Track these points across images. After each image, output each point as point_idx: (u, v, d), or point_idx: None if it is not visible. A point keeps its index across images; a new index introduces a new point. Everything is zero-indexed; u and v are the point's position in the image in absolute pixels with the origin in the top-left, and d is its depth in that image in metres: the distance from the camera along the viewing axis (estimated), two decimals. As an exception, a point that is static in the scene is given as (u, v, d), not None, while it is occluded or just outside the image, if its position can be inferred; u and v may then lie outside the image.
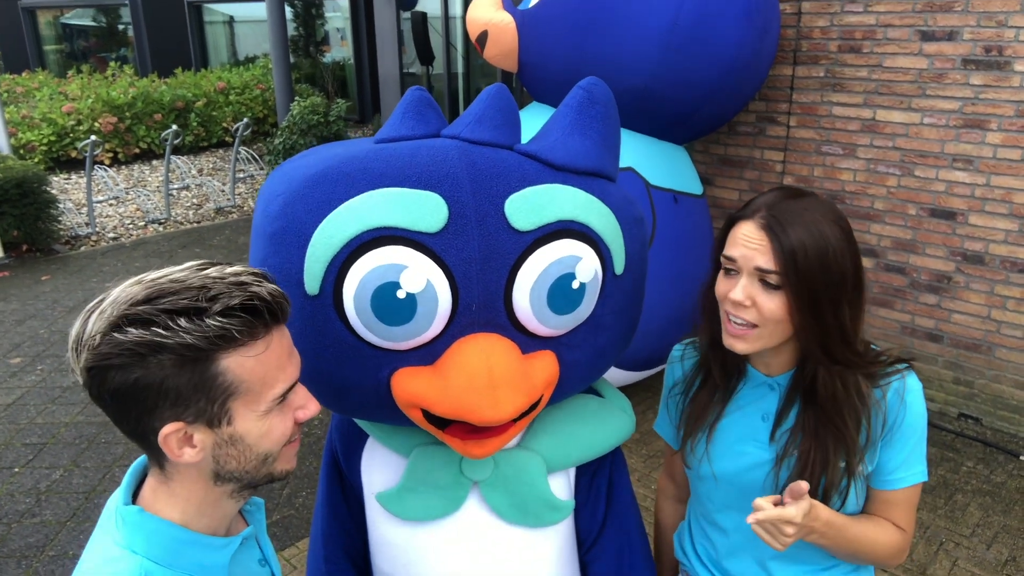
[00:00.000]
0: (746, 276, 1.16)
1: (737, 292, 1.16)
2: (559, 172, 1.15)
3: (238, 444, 0.88)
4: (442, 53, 7.99)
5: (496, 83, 1.21)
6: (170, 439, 0.84)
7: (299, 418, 0.93)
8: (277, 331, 0.89)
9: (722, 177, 4.47)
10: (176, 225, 7.63)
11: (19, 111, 9.20)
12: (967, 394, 3.78)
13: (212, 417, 0.85)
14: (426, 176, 1.08)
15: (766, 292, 1.15)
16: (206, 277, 0.84)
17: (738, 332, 1.18)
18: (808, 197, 1.19)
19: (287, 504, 3.21)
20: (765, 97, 4.15)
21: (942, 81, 3.56)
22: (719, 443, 1.31)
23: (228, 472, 0.90)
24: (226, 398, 0.85)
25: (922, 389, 1.24)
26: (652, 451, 3.56)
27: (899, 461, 1.22)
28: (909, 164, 3.73)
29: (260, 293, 0.85)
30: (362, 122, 12.04)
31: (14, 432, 3.79)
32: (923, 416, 1.23)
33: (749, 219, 1.17)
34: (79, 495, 3.28)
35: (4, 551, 2.93)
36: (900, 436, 1.21)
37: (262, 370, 0.86)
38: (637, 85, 3.27)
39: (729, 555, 1.37)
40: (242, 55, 14.42)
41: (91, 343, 0.81)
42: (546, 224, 1.09)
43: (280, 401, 0.90)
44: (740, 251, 1.16)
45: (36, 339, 4.89)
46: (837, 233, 1.15)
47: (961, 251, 3.65)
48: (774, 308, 1.14)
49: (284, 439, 0.92)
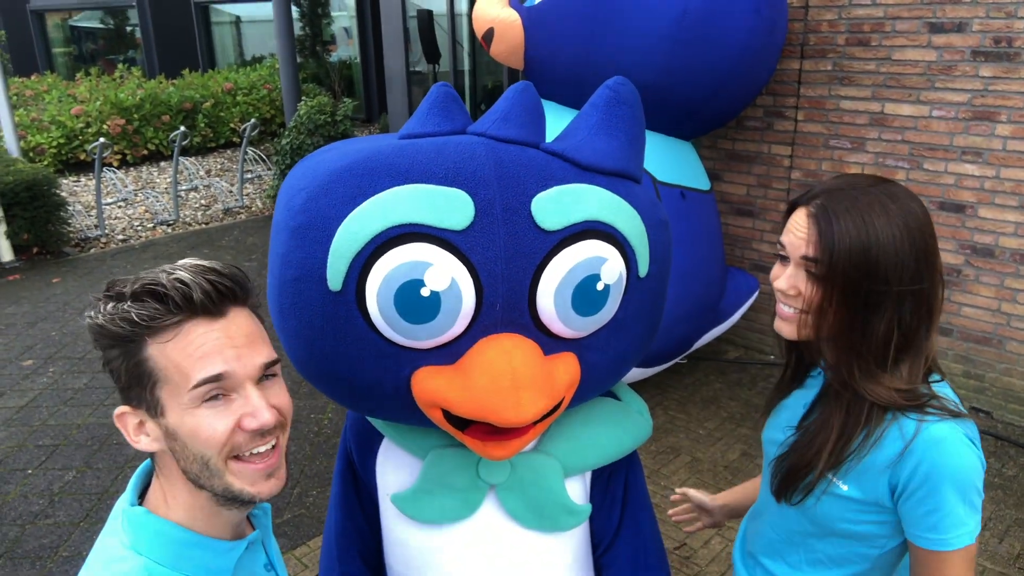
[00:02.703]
0: (793, 264, 1.16)
1: (781, 281, 1.18)
2: (585, 172, 1.14)
3: (177, 439, 0.87)
4: (448, 51, 7.99)
5: (522, 81, 1.20)
6: (124, 420, 0.89)
7: (244, 425, 0.86)
8: (195, 321, 0.85)
9: (730, 172, 4.46)
10: (185, 226, 7.66)
11: (28, 114, 9.24)
12: (977, 388, 3.76)
13: (150, 406, 0.87)
14: (453, 173, 1.08)
15: (810, 282, 1.14)
16: (167, 267, 0.88)
17: (786, 315, 1.19)
18: (880, 185, 1.13)
19: (298, 503, 3.22)
20: (772, 91, 4.14)
21: (951, 73, 3.53)
22: (772, 416, 1.36)
23: (188, 472, 0.89)
24: (153, 385, 0.86)
25: (962, 440, 1.10)
26: (661, 447, 3.56)
27: (918, 518, 1.12)
28: (918, 157, 3.71)
29: (160, 279, 0.86)
30: (369, 121, 12.05)
31: (27, 434, 3.82)
32: (946, 474, 1.08)
33: (803, 206, 1.17)
34: (92, 496, 3.30)
35: (18, 552, 2.95)
36: (914, 491, 1.11)
37: (179, 359, 0.84)
38: (644, 80, 3.26)
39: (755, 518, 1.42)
40: (249, 55, 14.45)
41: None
42: (573, 224, 1.08)
43: (214, 397, 0.85)
44: (789, 238, 1.17)
45: (48, 341, 4.92)
46: (894, 231, 1.08)
47: (971, 244, 3.63)
48: (818, 299, 1.14)
49: (216, 443, 0.85)
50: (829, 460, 1.17)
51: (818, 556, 1.28)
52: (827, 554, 1.27)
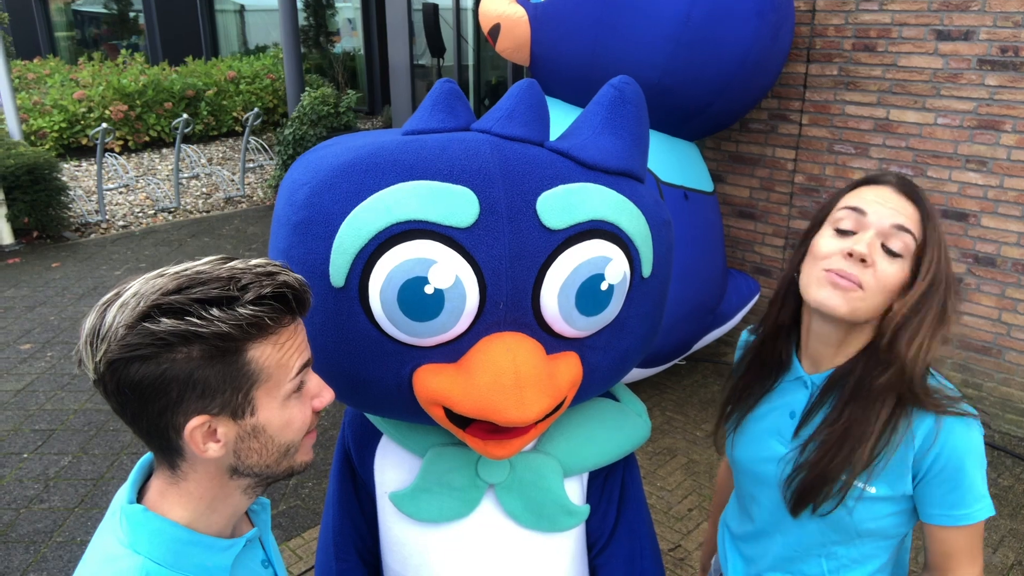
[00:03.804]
0: (874, 233, 1.12)
1: (861, 244, 1.11)
2: (590, 171, 1.14)
3: (260, 436, 0.88)
4: (453, 45, 7.97)
5: (527, 78, 1.20)
6: (196, 433, 0.83)
7: (316, 406, 0.93)
8: (299, 320, 0.90)
9: (733, 174, 4.45)
10: (186, 214, 7.65)
11: (30, 97, 9.22)
12: (976, 397, 3.76)
13: (237, 408, 0.85)
14: (458, 170, 1.07)
15: (887, 257, 1.12)
16: (233, 268, 0.84)
17: (844, 285, 1.11)
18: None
19: (293, 495, 3.22)
20: (778, 95, 4.13)
21: (957, 81, 3.53)
22: (746, 432, 1.32)
23: (248, 467, 0.89)
24: (250, 387, 0.84)
25: (971, 425, 1.15)
26: (658, 448, 3.56)
27: (941, 496, 1.15)
28: (922, 164, 3.71)
29: (289, 281, 0.85)
30: (372, 113, 12.02)
31: (23, 418, 3.81)
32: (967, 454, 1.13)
33: (879, 185, 1.16)
34: (87, 482, 3.30)
35: (13, 536, 2.95)
36: (937, 473, 1.14)
37: (279, 355, 0.86)
38: (649, 80, 3.26)
39: (749, 542, 1.38)
40: (252, 44, 14.40)
41: (114, 335, 0.79)
42: (578, 223, 1.08)
43: (298, 388, 0.90)
44: (874, 205, 1.13)
45: (46, 326, 4.92)
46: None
47: (973, 253, 3.63)
48: (891, 274, 1.11)
49: (304, 428, 0.92)
50: (859, 467, 1.15)
51: (841, 561, 1.27)
52: (850, 557, 1.26)
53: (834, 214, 1.18)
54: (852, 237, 1.13)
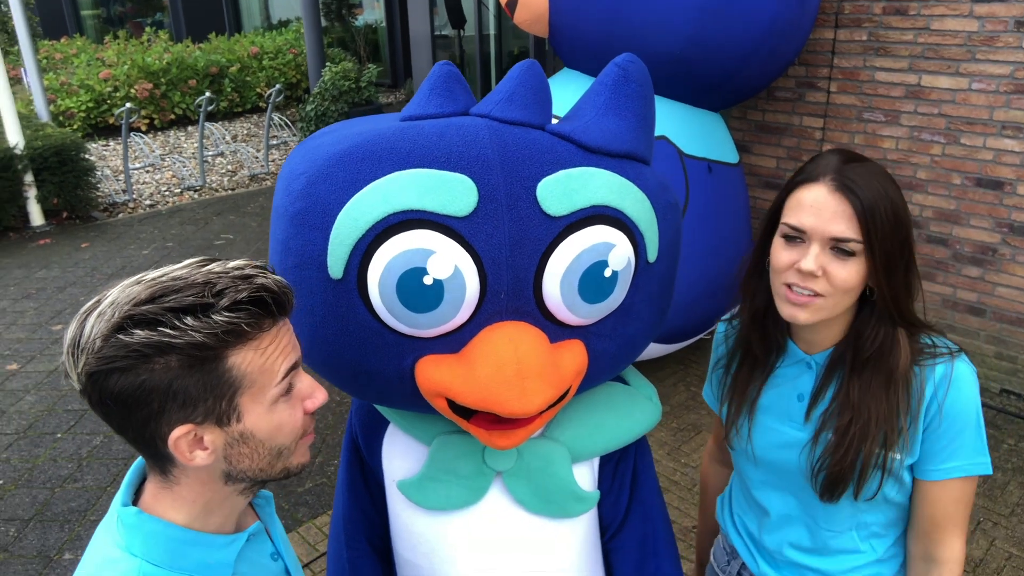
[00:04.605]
0: (818, 245, 1.11)
1: (809, 262, 1.11)
2: (593, 155, 1.10)
3: (249, 441, 0.86)
4: (474, 16, 7.87)
5: (527, 59, 1.16)
6: (180, 442, 0.82)
7: (308, 408, 0.91)
8: (281, 322, 0.87)
9: (759, 144, 4.36)
10: (211, 192, 7.70)
11: (58, 78, 9.30)
12: (1010, 369, 3.68)
13: (221, 415, 0.83)
14: (455, 157, 1.04)
15: (839, 261, 1.11)
16: (209, 273, 0.82)
17: (801, 300, 1.13)
18: (866, 161, 1.15)
19: (319, 472, 3.26)
20: (805, 62, 4.02)
21: (993, 44, 3.40)
22: (756, 423, 1.29)
23: (240, 472, 0.88)
24: (233, 394, 0.83)
25: (974, 374, 1.17)
26: (682, 424, 3.54)
27: (940, 448, 1.16)
28: (955, 132, 3.59)
29: (267, 284, 0.83)
30: (394, 86, 11.97)
31: (56, 398, 3.89)
32: (973, 403, 1.16)
33: (815, 183, 1.12)
34: (119, 461, 3.37)
35: (48, 515, 3.03)
36: (945, 424, 1.15)
37: (263, 360, 0.84)
38: (672, 50, 3.18)
39: (766, 534, 1.36)
40: (275, 19, 14.37)
41: (91, 347, 0.78)
42: (579, 209, 1.05)
43: (287, 391, 0.88)
44: (811, 220, 1.11)
45: (77, 306, 4.99)
46: (897, 192, 1.13)
47: (1008, 222, 3.53)
48: (847, 277, 1.11)
49: (296, 432, 0.90)
50: (892, 439, 1.16)
51: (872, 529, 1.27)
52: (881, 523, 1.26)
53: (781, 222, 1.16)
54: (799, 248, 1.13)
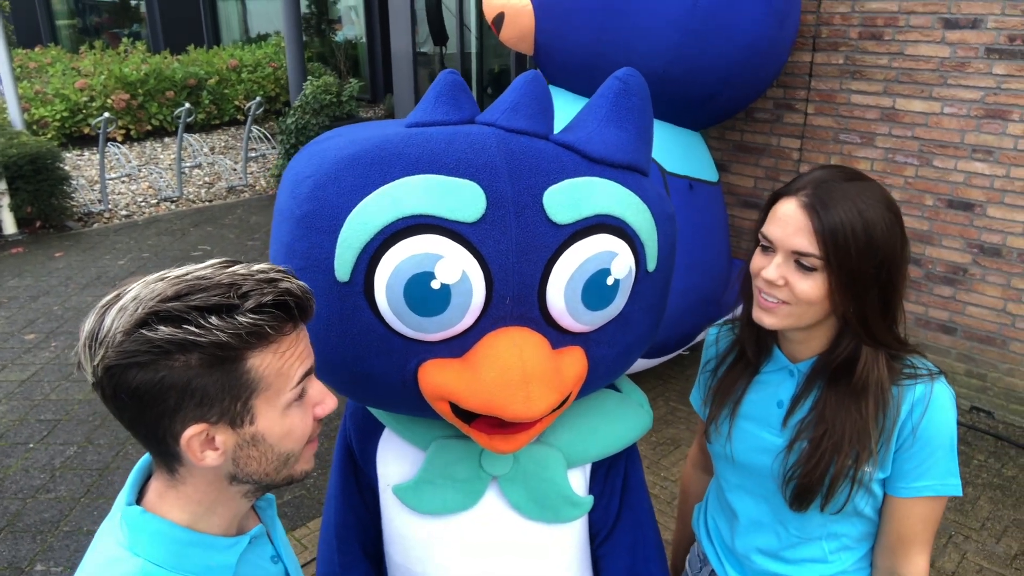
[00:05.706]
0: (781, 256, 1.16)
1: (770, 271, 1.16)
2: (595, 165, 1.13)
3: (260, 444, 0.86)
4: (455, 33, 7.93)
5: (531, 70, 1.18)
6: (193, 442, 0.82)
7: (318, 414, 0.92)
8: (301, 327, 0.88)
9: (738, 164, 4.43)
10: (188, 203, 7.64)
11: (32, 86, 9.19)
12: (980, 387, 3.76)
13: (235, 416, 0.83)
14: (464, 164, 1.06)
15: (800, 273, 1.14)
16: (234, 274, 0.82)
17: (768, 305, 1.18)
18: (861, 180, 1.18)
19: (298, 484, 3.23)
20: (783, 84, 4.11)
21: (964, 70, 3.51)
22: (735, 425, 1.32)
23: (247, 474, 0.88)
24: (249, 395, 0.83)
25: (952, 398, 1.20)
26: (661, 439, 3.56)
27: (912, 468, 1.18)
28: (928, 154, 3.69)
29: (291, 289, 0.83)
30: (374, 102, 11.98)
31: (29, 408, 3.82)
32: (948, 426, 1.18)
33: (792, 196, 1.16)
34: (93, 472, 3.31)
35: (19, 526, 2.97)
36: (918, 445, 1.17)
37: (280, 364, 0.84)
38: (654, 69, 3.24)
39: (737, 538, 1.38)
40: (254, 33, 14.35)
41: (112, 340, 0.78)
42: (584, 218, 1.07)
43: (300, 396, 0.88)
44: (778, 231, 1.16)
45: (50, 315, 4.92)
46: (885, 216, 1.14)
47: (978, 243, 3.62)
48: (806, 290, 1.14)
49: (305, 437, 0.91)
50: (863, 455, 1.18)
51: (843, 542, 1.29)
52: (852, 537, 1.28)
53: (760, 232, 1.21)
54: (768, 257, 1.18)
